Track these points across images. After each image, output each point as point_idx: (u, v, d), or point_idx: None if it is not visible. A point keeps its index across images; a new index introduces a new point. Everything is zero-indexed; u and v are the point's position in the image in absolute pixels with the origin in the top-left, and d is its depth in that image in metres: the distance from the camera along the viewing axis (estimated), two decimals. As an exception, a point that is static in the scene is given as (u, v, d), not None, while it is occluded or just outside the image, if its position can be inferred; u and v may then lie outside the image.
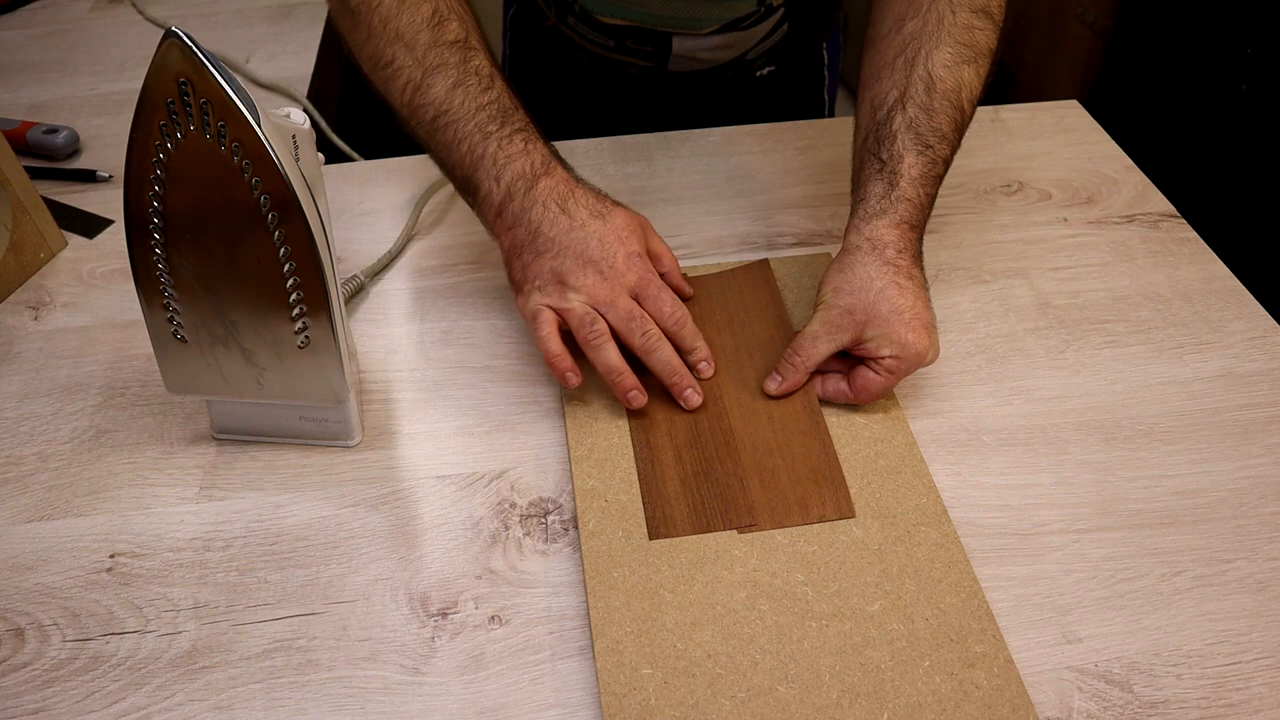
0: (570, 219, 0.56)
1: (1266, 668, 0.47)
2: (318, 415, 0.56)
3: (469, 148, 0.57)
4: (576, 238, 0.56)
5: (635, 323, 0.55)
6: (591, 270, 0.56)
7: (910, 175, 0.57)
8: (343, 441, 0.57)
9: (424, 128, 0.58)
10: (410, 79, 0.58)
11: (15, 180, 0.67)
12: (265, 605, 0.50)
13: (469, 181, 0.58)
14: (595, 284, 0.55)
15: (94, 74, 0.93)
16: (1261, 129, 1.32)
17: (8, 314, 0.67)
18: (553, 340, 0.56)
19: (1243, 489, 0.54)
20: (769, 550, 0.50)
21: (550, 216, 0.56)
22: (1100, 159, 0.80)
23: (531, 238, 0.56)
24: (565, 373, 0.56)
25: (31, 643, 0.48)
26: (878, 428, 0.57)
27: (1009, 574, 0.50)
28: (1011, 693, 0.44)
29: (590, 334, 0.55)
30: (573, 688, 0.46)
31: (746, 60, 0.87)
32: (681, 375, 0.57)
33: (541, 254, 0.56)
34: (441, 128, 0.57)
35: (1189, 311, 0.66)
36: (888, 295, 0.55)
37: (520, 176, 0.57)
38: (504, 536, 0.53)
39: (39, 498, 0.55)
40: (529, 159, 0.57)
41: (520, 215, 0.57)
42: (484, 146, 0.57)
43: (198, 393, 0.55)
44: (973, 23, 0.59)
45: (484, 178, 0.57)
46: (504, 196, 0.57)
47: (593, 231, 0.56)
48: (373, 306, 0.67)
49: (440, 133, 0.58)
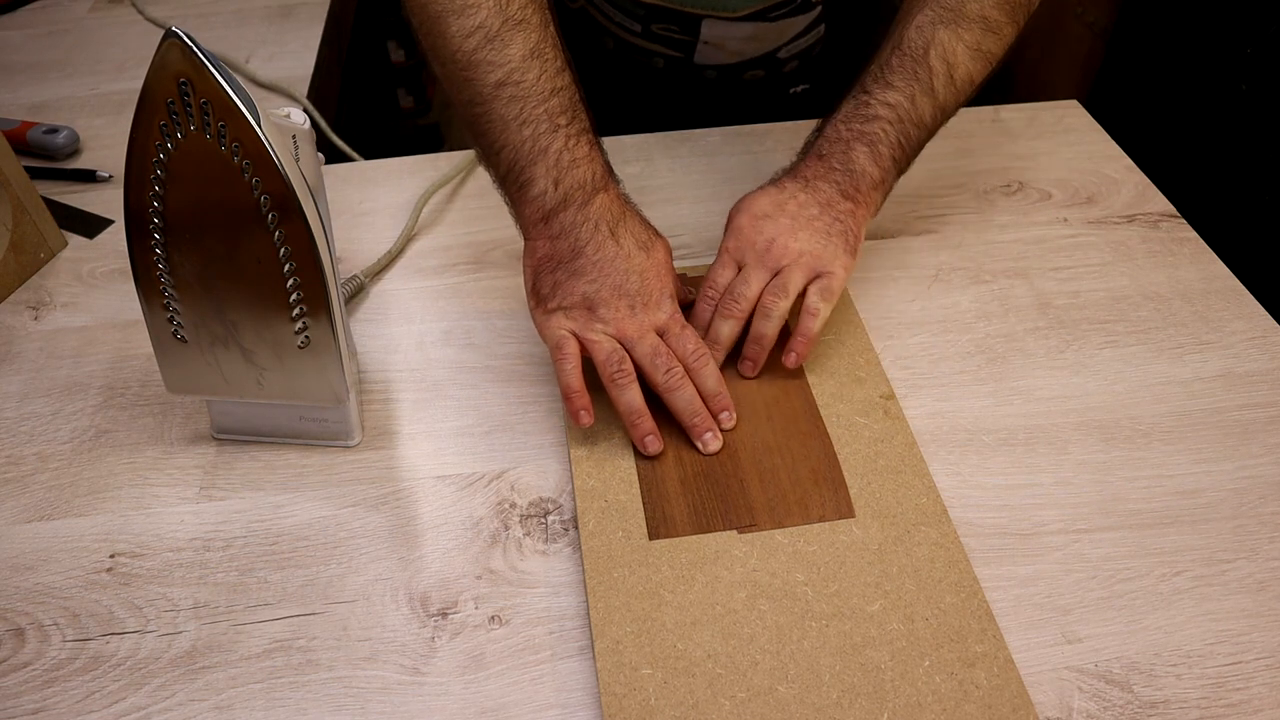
0: (618, 246, 0.54)
1: (1266, 668, 0.47)
2: (318, 415, 0.56)
3: (532, 134, 0.52)
4: (619, 268, 0.54)
5: (660, 359, 0.54)
6: (624, 303, 0.54)
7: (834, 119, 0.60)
8: (343, 441, 0.57)
9: (483, 89, 0.51)
10: (485, 24, 0.51)
11: (15, 180, 0.67)
12: (265, 605, 0.50)
13: (519, 171, 0.53)
14: (625, 318, 0.54)
15: (94, 74, 0.93)
16: (1261, 129, 1.31)
17: (8, 314, 0.67)
18: (575, 376, 0.54)
19: (1243, 489, 0.54)
20: (769, 550, 0.50)
21: (599, 239, 0.54)
22: (1100, 159, 0.80)
23: (573, 255, 0.54)
24: (580, 411, 0.54)
25: (31, 643, 0.48)
26: (878, 428, 0.57)
27: (1009, 574, 0.50)
28: (1011, 693, 0.44)
29: (617, 373, 0.53)
30: (573, 688, 0.46)
31: (777, 59, 0.85)
32: (703, 417, 0.55)
33: (578, 275, 0.54)
34: (506, 100, 0.51)
35: (1189, 311, 0.66)
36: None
37: (580, 186, 0.53)
38: (504, 536, 0.53)
39: (39, 498, 0.55)
40: (591, 168, 0.54)
41: (569, 229, 0.54)
42: (550, 140, 0.52)
43: (198, 393, 0.55)
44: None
45: (541, 175, 0.53)
46: (558, 203, 0.53)
47: (635, 265, 0.54)
48: (373, 306, 0.67)
49: (502, 104, 0.51)
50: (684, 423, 0.55)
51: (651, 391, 0.55)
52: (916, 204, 0.75)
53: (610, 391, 0.54)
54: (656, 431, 0.54)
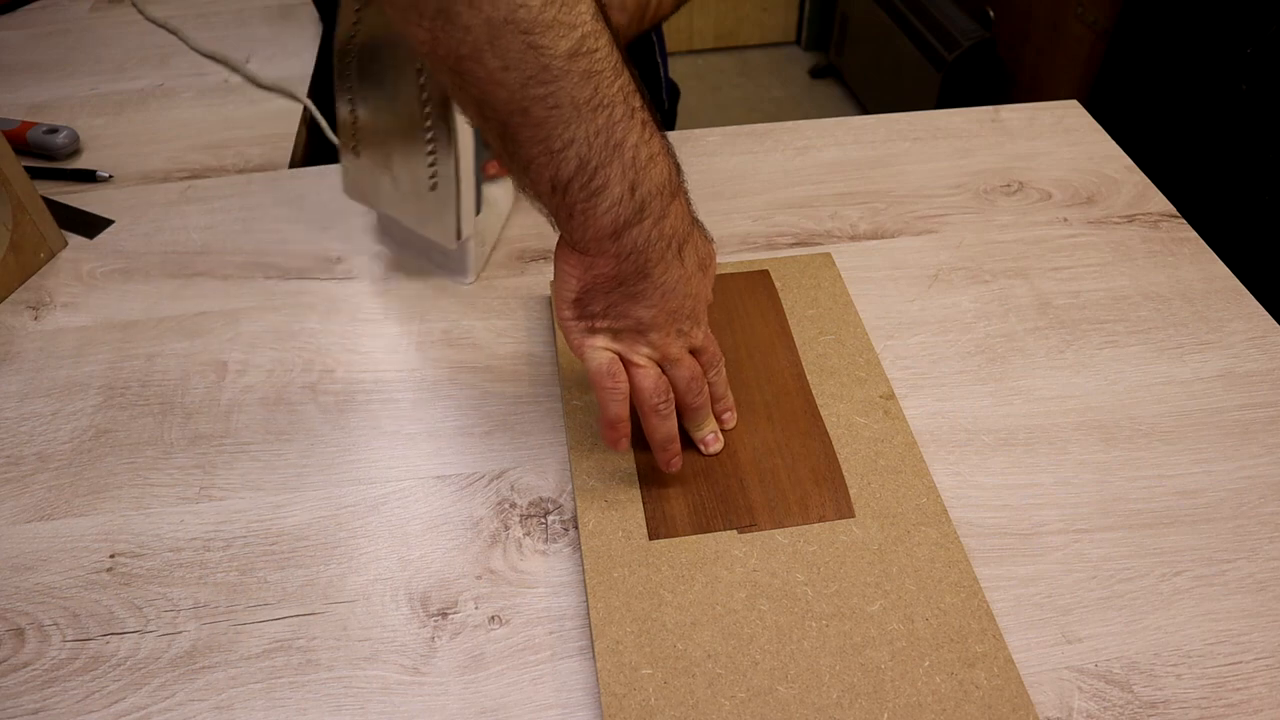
0: (684, 269, 0.48)
1: (1266, 668, 0.47)
2: (441, 249, 0.65)
3: (607, 122, 0.41)
4: (679, 292, 0.48)
5: (695, 383, 0.52)
6: (674, 327, 0.49)
7: None
8: (459, 279, 0.67)
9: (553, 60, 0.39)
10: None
11: (15, 180, 0.67)
12: (265, 605, 0.50)
13: (591, 173, 0.42)
14: (671, 341, 0.50)
15: (94, 74, 0.93)
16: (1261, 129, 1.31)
17: (8, 314, 0.67)
18: (625, 407, 0.50)
19: (1243, 489, 0.54)
20: (769, 550, 0.50)
21: (667, 260, 0.46)
22: (1100, 159, 0.80)
23: (638, 278, 0.46)
24: (620, 439, 0.51)
25: (31, 643, 0.48)
26: (878, 428, 0.57)
27: (1009, 574, 0.50)
28: (1011, 693, 0.44)
29: (663, 404, 0.50)
30: (573, 688, 0.46)
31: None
32: (708, 422, 0.55)
33: (638, 299, 0.47)
34: (580, 75, 0.39)
35: (1189, 311, 0.66)
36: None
37: (659, 192, 0.44)
38: (504, 536, 0.53)
39: (39, 498, 0.55)
40: (667, 165, 0.45)
41: (641, 248, 0.45)
42: (626, 129, 0.42)
43: (362, 201, 0.66)
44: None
45: (616, 178, 0.42)
46: (633, 214, 0.44)
47: (694, 288, 0.49)
48: (373, 306, 0.67)
49: (578, 81, 0.39)
50: (697, 435, 0.55)
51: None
52: (916, 204, 0.75)
53: (651, 420, 0.51)
54: (682, 453, 0.53)
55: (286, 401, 0.60)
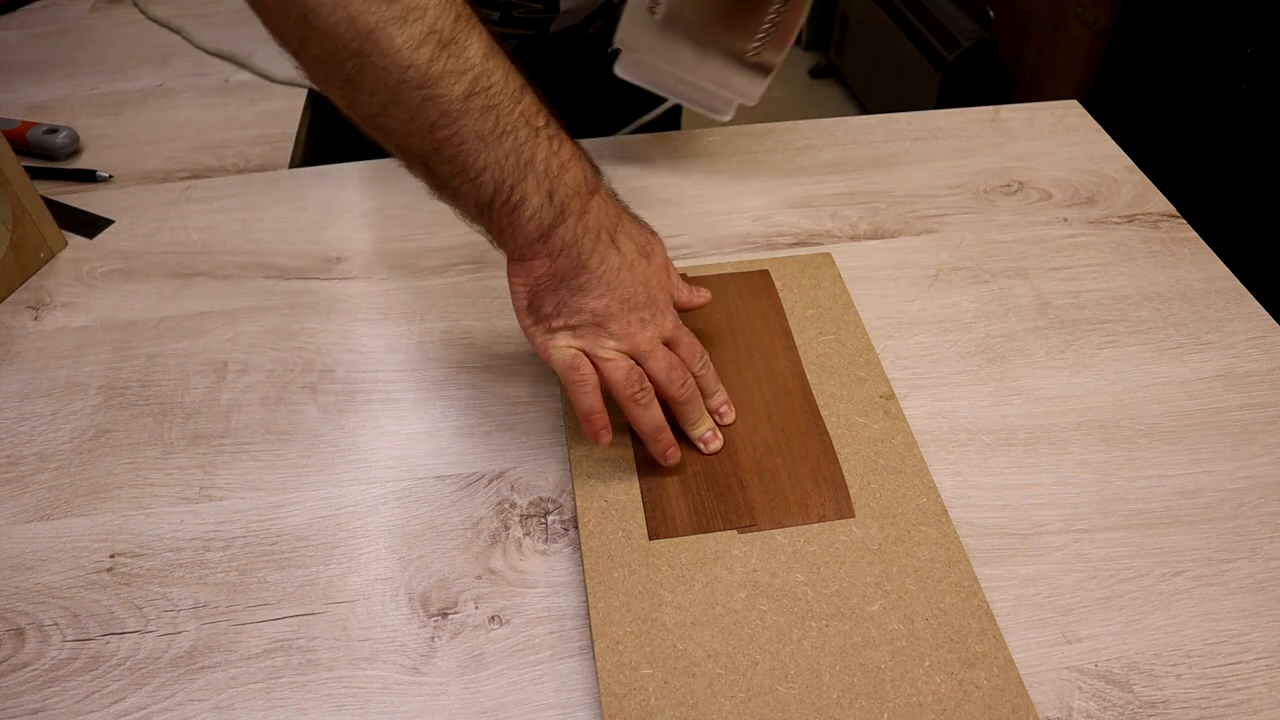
0: (621, 255, 0.50)
1: (1266, 668, 0.47)
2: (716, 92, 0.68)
3: (514, 145, 0.46)
4: (625, 279, 0.51)
5: (675, 373, 0.52)
6: (635, 317, 0.51)
7: None
8: (717, 114, 0.70)
9: (449, 104, 0.44)
10: (437, 27, 0.43)
11: (15, 180, 0.67)
12: (265, 605, 0.50)
13: (507, 192, 0.47)
14: (636, 331, 0.51)
15: (94, 74, 0.93)
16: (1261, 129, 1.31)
17: (8, 314, 0.67)
18: (596, 397, 0.51)
19: (1243, 489, 0.54)
20: (769, 550, 0.50)
21: (601, 250, 0.50)
22: (1100, 159, 0.80)
23: (576, 271, 0.50)
24: (600, 431, 0.51)
25: (31, 643, 0.48)
26: (878, 428, 0.57)
27: (1009, 574, 0.50)
28: (1011, 693, 0.44)
29: (639, 392, 0.51)
30: (573, 688, 0.46)
31: (610, 4, 0.81)
32: (704, 419, 0.55)
33: (584, 291, 0.50)
34: (479, 111, 0.44)
35: (1189, 311, 0.66)
36: None
37: (575, 193, 0.48)
38: (504, 536, 0.53)
39: (39, 498, 0.55)
40: (581, 169, 0.49)
41: (571, 244, 0.49)
42: (533, 148, 0.46)
43: (637, 47, 0.66)
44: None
45: (533, 190, 0.47)
46: (555, 216, 0.48)
47: (640, 273, 0.51)
48: (373, 306, 0.67)
49: (476, 118, 0.44)
50: (691, 431, 0.55)
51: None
52: (916, 204, 0.75)
53: (631, 411, 0.52)
54: (676, 443, 0.54)
55: (286, 401, 0.60)
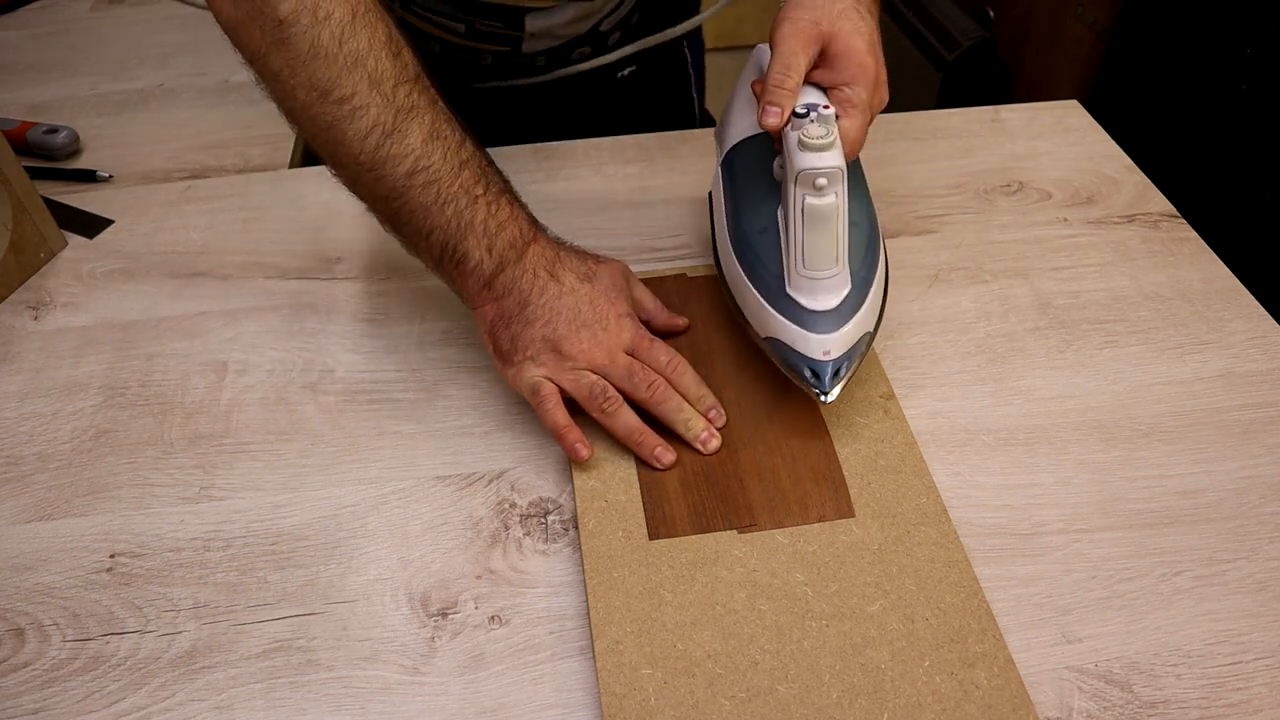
0: (559, 284, 0.56)
1: (1266, 668, 0.47)
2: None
3: (454, 212, 0.54)
4: (567, 303, 0.55)
5: (638, 376, 0.55)
6: (586, 334, 0.55)
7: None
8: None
9: (395, 182, 0.53)
10: (379, 122, 0.52)
11: (15, 180, 0.67)
12: (265, 605, 0.50)
13: (452, 249, 0.55)
14: (591, 347, 0.55)
15: (94, 74, 0.93)
16: (1261, 129, 1.31)
17: (8, 314, 0.67)
18: (560, 413, 0.54)
19: (1243, 489, 0.54)
20: (769, 550, 0.50)
21: (540, 284, 0.55)
22: (1100, 159, 0.80)
23: (520, 307, 0.55)
24: (576, 444, 0.54)
25: (31, 643, 0.48)
26: (878, 428, 0.57)
27: (1009, 574, 0.50)
28: (1011, 693, 0.44)
29: (605, 402, 0.54)
30: (573, 688, 0.46)
31: (600, 32, 0.84)
32: (695, 418, 0.55)
33: (532, 322, 0.55)
34: (421, 186, 0.53)
35: (1189, 311, 0.66)
36: (849, 14, 0.55)
37: (512, 245, 0.55)
38: (504, 536, 0.53)
39: (39, 498, 0.55)
40: (517, 226, 0.56)
41: (511, 285, 0.55)
42: (472, 212, 0.54)
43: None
44: None
45: (474, 247, 0.55)
46: (495, 267, 0.55)
47: (583, 295, 0.56)
48: (373, 306, 0.67)
49: (419, 192, 0.53)
50: (677, 430, 0.55)
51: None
52: (916, 204, 0.75)
53: (603, 422, 0.55)
54: (664, 442, 0.54)
55: (286, 401, 0.60)
